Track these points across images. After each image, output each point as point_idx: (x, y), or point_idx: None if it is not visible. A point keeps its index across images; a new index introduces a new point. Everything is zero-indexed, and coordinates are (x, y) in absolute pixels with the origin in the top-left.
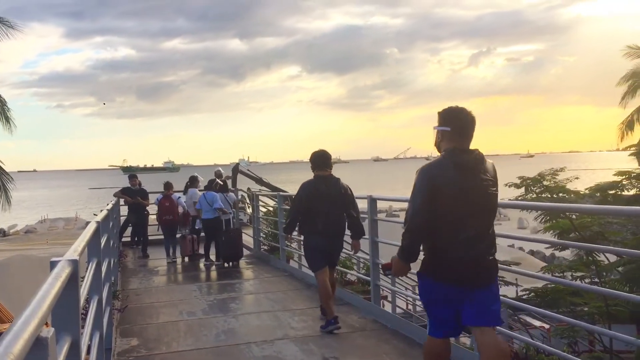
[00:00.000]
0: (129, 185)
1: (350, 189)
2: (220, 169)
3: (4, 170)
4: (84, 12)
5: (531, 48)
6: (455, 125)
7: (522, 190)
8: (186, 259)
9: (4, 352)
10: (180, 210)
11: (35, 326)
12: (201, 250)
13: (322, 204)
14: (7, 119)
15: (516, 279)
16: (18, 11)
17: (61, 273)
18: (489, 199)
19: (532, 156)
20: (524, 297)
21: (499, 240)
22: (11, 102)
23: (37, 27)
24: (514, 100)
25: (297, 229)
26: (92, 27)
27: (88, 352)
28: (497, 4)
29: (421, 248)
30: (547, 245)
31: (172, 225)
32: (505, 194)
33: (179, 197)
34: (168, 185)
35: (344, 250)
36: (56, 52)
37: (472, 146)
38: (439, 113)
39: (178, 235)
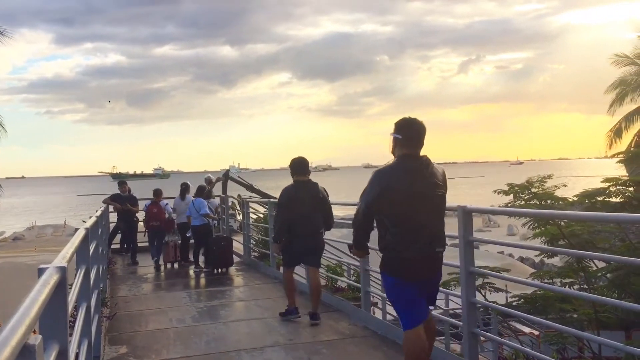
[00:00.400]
0: (119, 192)
1: (327, 192)
2: (210, 175)
3: None
4: (73, 18)
5: (520, 56)
6: (406, 133)
7: (511, 197)
8: (168, 265)
9: None
10: (166, 216)
11: (22, 334)
12: (191, 257)
13: (302, 206)
14: None
15: (506, 285)
16: (7, 17)
17: (49, 280)
18: (437, 201)
19: (521, 163)
20: (513, 303)
21: (488, 247)
22: (0, 108)
23: (27, 33)
24: (504, 108)
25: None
26: (82, 33)
27: (76, 359)
28: (486, 12)
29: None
30: (537, 252)
31: (159, 231)
32: (494, 201)
33: (167, 204)
34: (158, 192)
35: (335, 257)
36: (45, 59)
37: (466, 152)
38: (395, 123)
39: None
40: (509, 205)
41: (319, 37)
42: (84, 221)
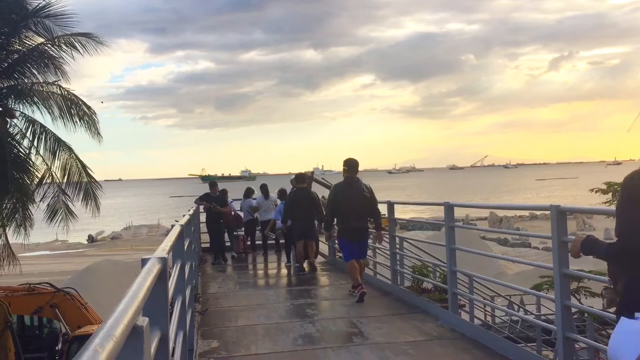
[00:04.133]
0: (209, 192)
1: (317, 194)
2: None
3: (93, 178)
4: (166, 28)
5: (616, 51)
6: (348, 166)
7: (609, 196)
8: (234, 254)
9: (107, 334)
10: (233, 213)
11: (132, 314)
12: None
13: (300, 204)
14: (98, 131)
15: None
16: (106, 28)
17: (152, 269)
18: (364, 200)
19: (619, 163)
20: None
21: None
22: (99, 114)
23: (124, 43)
24: (599, 105)
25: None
26: (174, 42)
27: (172, 351)
28: (579, 6)
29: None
30: None
31: (229, 226)
32: (590, 203)
33: (232, 202)
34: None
35: (418, 258)
36: (141, 67)
37: (558, 153)
38: (343, 161)
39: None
40: (607, 205)
41: (402, 38)
42: (176, 220)
